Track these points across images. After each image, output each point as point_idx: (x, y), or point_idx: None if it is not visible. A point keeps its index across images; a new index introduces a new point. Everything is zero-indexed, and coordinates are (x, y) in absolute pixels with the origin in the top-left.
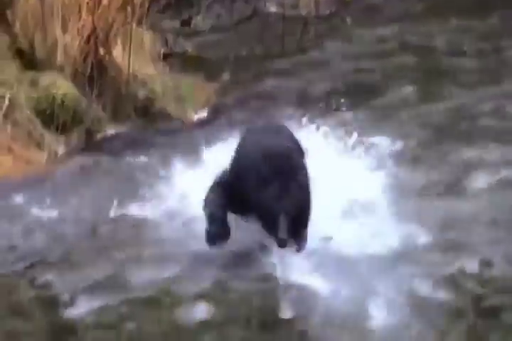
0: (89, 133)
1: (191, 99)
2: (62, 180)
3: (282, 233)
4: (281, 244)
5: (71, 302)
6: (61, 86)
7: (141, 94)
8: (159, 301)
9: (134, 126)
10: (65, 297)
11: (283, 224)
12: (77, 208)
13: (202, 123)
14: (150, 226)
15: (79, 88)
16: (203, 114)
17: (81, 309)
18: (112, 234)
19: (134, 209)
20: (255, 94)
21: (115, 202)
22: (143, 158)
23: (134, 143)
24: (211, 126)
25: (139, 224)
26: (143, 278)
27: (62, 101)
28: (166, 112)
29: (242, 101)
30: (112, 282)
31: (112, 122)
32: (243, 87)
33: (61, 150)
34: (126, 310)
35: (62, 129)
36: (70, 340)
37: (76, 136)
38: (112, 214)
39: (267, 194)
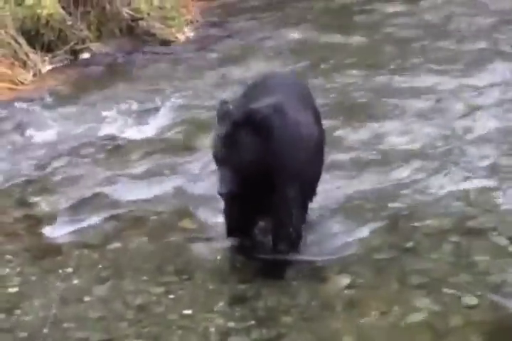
0: (74, 52)
1: (177, 18)
2: (47, 100)
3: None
4: None
5: (56, 222)
6: (46, 5)
7: (126, 13)
8: (144, 220)
9: (118, 45)
10: (50, 217)
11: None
12: (61, 128)
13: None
14: (135, 146)
15: (64, 7)
16: (189, 33)
17: (66, 228)
18: (97, 153)
19: (119, 130)
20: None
21: (101, 122)
22: (128, 80)
23: (119, 63)
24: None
25: (124, 144)
26: (128, 197)
27: (47, 21)
28: (151, 32)
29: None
30: (97, 201)
31: (97, 41)
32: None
33: (46, 69)
34: (111, 229)
35: (48, 48)
36: (55, 260)
37: (61, 55)
38: (97, 134)
39: None
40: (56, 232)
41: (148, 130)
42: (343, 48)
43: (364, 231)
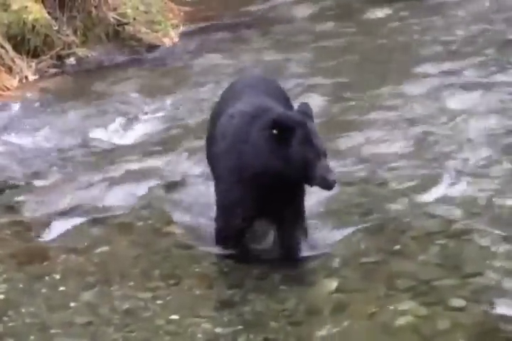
0: (60, 58)
1: (163, 22)
2: (33, 105)
3: None
4: None
5: (43, 227)
6: (32, 10)
7: (112, 17)
8: (131, 225)
9: (105, 50)
10: (36, 222)
11: None
12: (47, 133)
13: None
14: (122, 151)
15: (50, 12)
16: (175, 37)
17: (53, 233)
18: (83, 158)
19: (105, 135)
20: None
21: (86, 127)
22: (114, 85)
23: (105, 68)
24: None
25: (110, 149)
26: (114, 202)
27: (33, 26)
28: (137, 36)
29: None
30: (83, 206)
31: (83, 46)
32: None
33: (32, 74)
34: (98, 234)
35: (34, 54)
36: (42, 265)
37: (47, 61)
38: (83, 139)
39: None
40: (43, 238)
41: (134, 135)
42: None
43: (351, 235)
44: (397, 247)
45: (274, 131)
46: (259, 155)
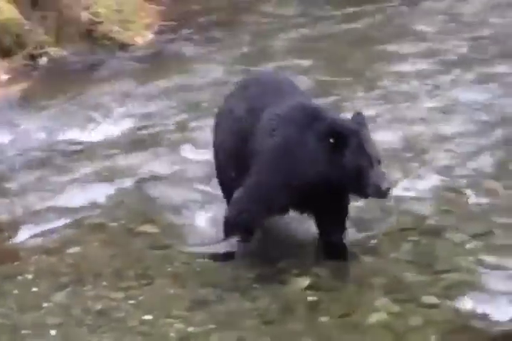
0: (33, 57)
1: (135, 21)
2: (4, 105)
3: None
4: None
5: (15, 227)
6: (4, 10)
7: (85, 17)
8: (104, 224)
9: (77, 49)
10: (8, 223)
11: None
12: (18, 134)
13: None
14: (93, 151)
15: (22, 11)
16: (148, 36)
17: (25, 234)
18: (55, 158)
19: (77, 134)
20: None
21: (58, 127)
22: (86, 84)
23: (78, 67)
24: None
25: (82, 149)
26: (87, 201)
27: (5, 26)
28: (109, 35)
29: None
30: (56, 207)
31: (56, 46)
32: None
33: (4, 74)
34: (70, 234)
35: (5, 53)
36: (14, 266)
37: (19, 60)
38: (55, 139)
39: None
40: (15, 238)
41: (106, 134)
42: None
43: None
44: (369, 244)
45: (331, 140)
46: (315, 163)
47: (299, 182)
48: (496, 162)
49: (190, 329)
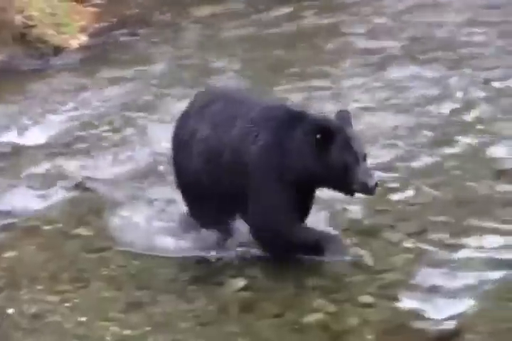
0: None
1: (69, 24)
2: None
3: None
4: None
5: None
6: None
7: (19, 20)
8: (39, 228)
9: (11, 52)
10: None
11: None
12: None
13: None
14: (28, 154)
15: None
16: (82, 39)
17: None
18: None
19: (12, 137)
20: None
21: None
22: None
23: (12, 70)
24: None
25: (16, 152)
26: (21, 205)
27: None
28: (44, 39)
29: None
30: None
31: None
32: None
33: None
34: (5, 238)
35: None
36: None
37: None
38: None
39: None
40: None
41: (41, 137)
42: None
43: None
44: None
45: (318, 136)
46: (302, 160)
47: (294, 180)
48: (429, 162)
49: (126, 331)
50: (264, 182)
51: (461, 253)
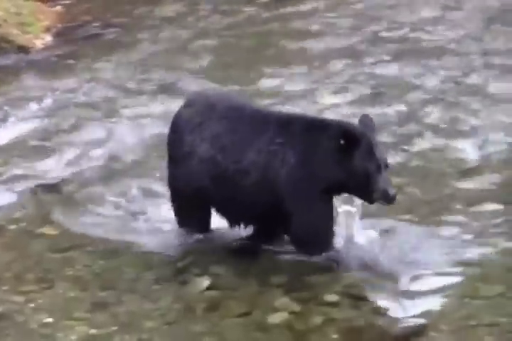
0: None
1: (34, 24)
2: None
3: None
4: None
5: None
6: None
7: None
8: (3, 228)
9: None
10: None
11: None
12: None
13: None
14: None
15: None
16: (47, 39)
17: None
18: None
19: None
20: None
21: None
22: None
23: None
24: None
25: None
26: None
27: None
28: (8, 38)
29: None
30: None
31: None
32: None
33: None
34: None
35: None
36: None
37: None
38: None
39: None
40: None
41: (4, 138)
42: None
43: (222, 233)
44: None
45: (342, 141)
46: (328, 166)
47: (326, 188)
48: (393, 162)
49: (92, 331)
50: (302, 197)
51: (426, 252)
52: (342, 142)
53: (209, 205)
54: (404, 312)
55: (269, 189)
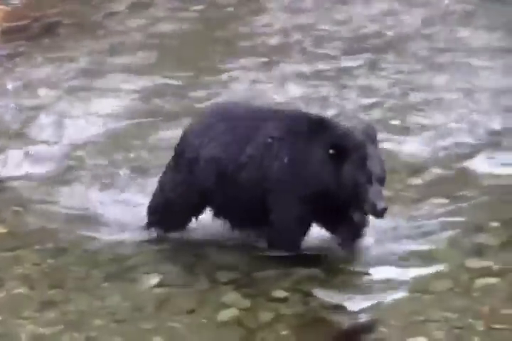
0: None
1: None
2: None
3: None
4: None
5: None
6: None
7: None
8: None
9: None
10: None
11: None
12: None
13: None
14: None
15: None
16: None
17: None
18: None
19: None
20: None
21: None
22: None
23: None
24: None
25: None
26: None
27: None
28: None
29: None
30: None
31: None
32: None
33: None
34: None
35: None
36: None
37: None
38: None
39: None
40: None
41: None
42: None
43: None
44: (221, 239)
45: (331, 151)
46: (321, 172)
47: (313, 193)
48: None
49: (42, 330)
50: (285, 197)
51: (376, 248)
52: (331, 152)
53: (204, 209)
54: (354, 306)
55: (260, 182)
